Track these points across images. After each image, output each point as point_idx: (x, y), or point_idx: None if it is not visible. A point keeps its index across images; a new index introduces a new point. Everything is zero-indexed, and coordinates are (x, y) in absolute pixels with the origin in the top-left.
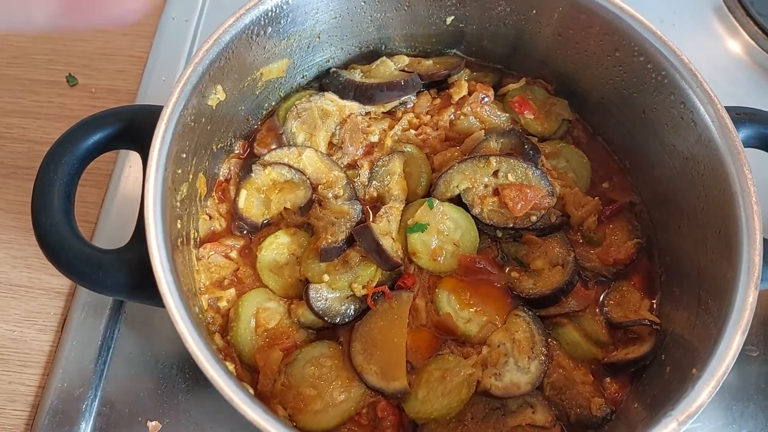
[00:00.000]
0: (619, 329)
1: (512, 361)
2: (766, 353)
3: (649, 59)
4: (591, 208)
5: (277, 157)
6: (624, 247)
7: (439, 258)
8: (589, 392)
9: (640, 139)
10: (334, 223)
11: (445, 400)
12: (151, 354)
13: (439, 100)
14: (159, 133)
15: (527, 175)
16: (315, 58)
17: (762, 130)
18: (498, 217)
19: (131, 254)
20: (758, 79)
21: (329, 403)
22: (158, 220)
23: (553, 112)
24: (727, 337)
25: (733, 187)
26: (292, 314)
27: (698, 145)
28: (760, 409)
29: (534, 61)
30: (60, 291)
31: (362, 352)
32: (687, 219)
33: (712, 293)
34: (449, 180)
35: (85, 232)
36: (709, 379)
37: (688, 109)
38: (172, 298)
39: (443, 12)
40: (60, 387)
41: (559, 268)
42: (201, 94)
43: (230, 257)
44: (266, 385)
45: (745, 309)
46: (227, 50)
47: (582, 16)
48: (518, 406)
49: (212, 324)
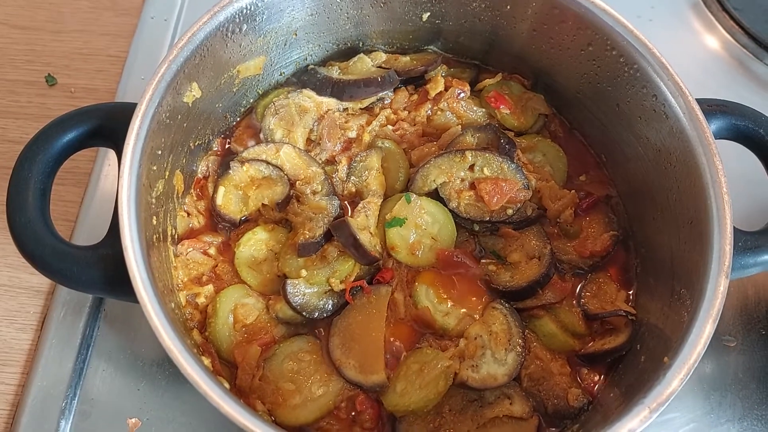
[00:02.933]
0: (596, 320)
1: (489, 353)
2: (743, 343)
3: (621, 52)
4: (567, 201)
5: (255, 154)
6: (600, 240)
7: (417, 252)
8: (566, 383)
9: (615, 132)
10: (312, 219)
11: (422, 393)
12: (131, 352)
13: (416, 96)
14: (133, 130)
15: (503, 169)
16: (292, 56)
17: (734, 122)
18: (474, 210)
19: (106, 250)
20: (735, 74)
21: (308, 397)
22: (132, 217)
23: (530, 106)
24: (699, 326)
25: (704, 178)
26: (271, 310)
27: (670, 137)
28: (738, 398)
29: (510, 56)
30: (39, 290)
31: (341, 347)
32: (661, 210)
33: (685, 283)
34: (426, 174)
35: (65, 231)
36: (681, 366)
37: (659, 102)
38: (146, 293)
39: (419, 8)
40: (40, 385)
41: (536, 260)
42: (176, 92)
43: (208, 254)
44: (245, 381)
45: (716, 297)
46: (202, 47)
47: (555, 11)
48: (496, 398)
49: (190, 320)
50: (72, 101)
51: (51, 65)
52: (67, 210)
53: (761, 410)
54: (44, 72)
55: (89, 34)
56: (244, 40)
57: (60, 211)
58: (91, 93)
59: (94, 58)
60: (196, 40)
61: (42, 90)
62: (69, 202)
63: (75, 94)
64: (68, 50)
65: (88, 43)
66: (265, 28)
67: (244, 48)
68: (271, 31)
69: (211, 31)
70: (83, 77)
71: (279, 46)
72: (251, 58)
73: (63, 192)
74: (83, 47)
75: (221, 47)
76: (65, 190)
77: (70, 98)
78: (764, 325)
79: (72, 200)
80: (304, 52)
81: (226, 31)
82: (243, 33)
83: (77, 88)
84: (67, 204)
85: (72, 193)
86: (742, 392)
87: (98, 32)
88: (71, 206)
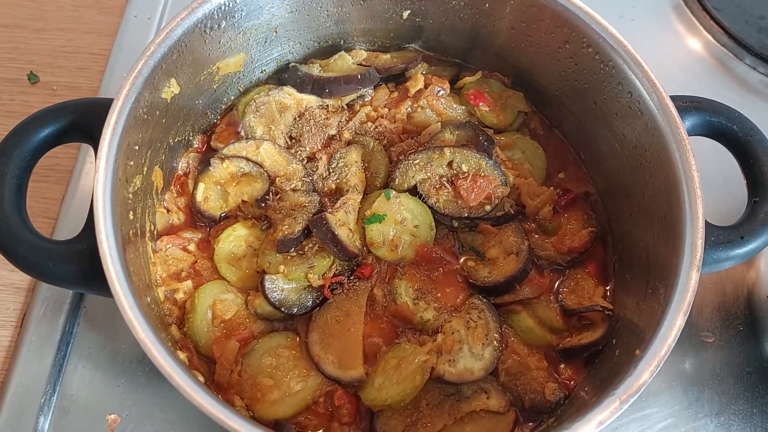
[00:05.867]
0: (573, 316)
1: (466, 348)
2: (721, 339)
3: (597, 50)
4: (546, 198)
5: (235, 151)
6: (578, 236)
7: (396, 248)
8: (543, 378)
9: (593, 129)
10: (291, 215)
11: (399, 387)
12: (111, 349)
13: (396, 93)
14: (109, 125)
15: (480, 165)
16: (273, 53)
17: (708, 118)
18: (453, 207)
19: (82, 245)
20: (716, 73)
21: (286, 392)
22: (108, 211)
23: (509, 104)
24: (670, 318)
25: (677, 174)
26: (249, 305)
27: (645, 134)
28: (716, 393)
29: (491, 54)
30: (19, 287)
31: (319, 342)
32: (637, 206)
33: (658, 277)
34: (405, 171)
35: (46, 228)
36: (651, 358)
37: (634, 99)
38: (121, 287)
39: (399, 6)
40: (19, 382)
41: (514, 256)
42: (154, 87)
43: (188, 250)
44: (223, 376)
45: (687, 290)
46: (180, 43)
47: (533, 9)
48: (473, 392)
49: (169, 316)
50: (54, 99)
51: (33, 63)
52: (48, 207)
53: (738, 405)
54: (26, 70)
55: (72, 32)
56: (223, 36)
57: (41, 209)
58: (73, 91)
59: (76, 56)
60: (173, 36)
61: (24, 88)
62: (50, 199)
63: (57, 92)
64: (51, 48)
65: (71, 41)
66: (245, 25)
67: (224, 45)
68: (250, 28)
69: (189, 27)
70: (66, 75)
71: (259, 43)
72: (231, 55)
73: (44, 189)
74: (66, 45)
75: (200, 44)
76: (47, 187)
77: (52, 96)
78: (742, 321)
79: (53, 197)
80: (284, 49)
81: (204, 27)
82: (222, 30)
83: (60, 86)
84: (49, 201)
85: (53, 190)
86: (720, 387)
87: (81, 30)
88: (52, 203)
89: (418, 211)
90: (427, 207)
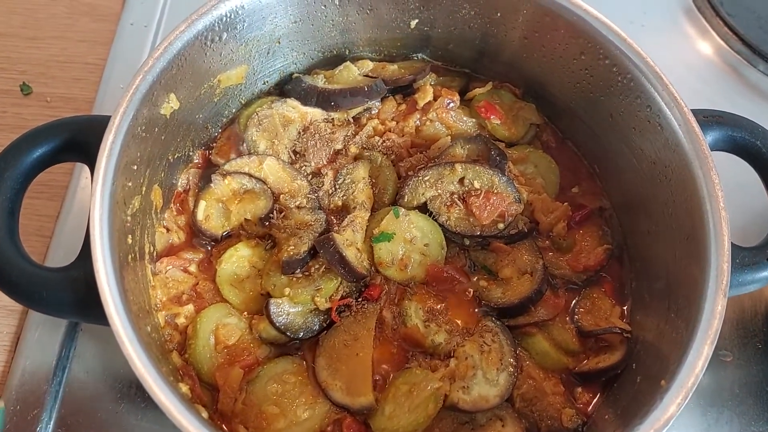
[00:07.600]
0: (590, 337)
1: (480, 374)
2: (740, 358)
3: (615, 62)
4: (560, 214)
5: (238, 167)
6: (594, 254)
7: (406, 268)
8: (560, 403)
9: (608, 143)
10: (296, 234)
11: (412, 416)
12: (109, 373)
13: (404, 105)
14: (106, 146)
15: (493, 182)
16: (276, 64)
17: (730, 133)
18: (465, 225)
19: (77, 273)
20: (728, 80)
21: (293, 421)
22: (105, 237)
23: (521, 116)
24: (696, 347)
25: (700, 192)
26: (254, 330)
27: (665, 149)
28: (735, 414)
29: (501, 64)
30: (13, 309)
31: (327, 368)
32: (656, 224)
33: (682, 300)
34: (415, 188)
35: (40, 247)
36: (678, 390)
37: (654, 113)
38: (119, 317)
39: (407, 15)
40: (13, 409)
41: (528, 276)
42: (152, 104)
43: (189, 271)
44: (227, 404)
45: (714, 317)
46: (180, 57)
47: (546, 18)
48: (487, 420)
49: (169, 342)
50: (48, 111)
51: (26, 73)
52: (42, 225)
53: (758, 426)
54: (19, 80)
55: (66, 40)
56: (224, 48)
57: (35, 227)
58: (68, 102)
59: (71, 66)
60: (173, 50)
61: (17, 99)
62: (44, 217)
63: (51, 104)
64: (44, 57)
65: (64, 50)
66: (247, 36)
67: (225, 57)
68: (253, 40)
69: (189, 40)
70: (60, 86)
71: (262, 54)
72: (233, 67)
73: (38, 206)
74: (60, 54)
75: (200, 56)
76: (41, 204)
77: (46, 108)
78: (761, 338)
79: (48, 214)
80: (288, 60)
81: (205, 39)
82: (223, 42)
83: (54, 97)
84: (42, 219)
85: (48, 207)
86: (739, 408)
87: (75, 39)
88: (47, 221)
89: (428, 230)
90: (437, 225)
